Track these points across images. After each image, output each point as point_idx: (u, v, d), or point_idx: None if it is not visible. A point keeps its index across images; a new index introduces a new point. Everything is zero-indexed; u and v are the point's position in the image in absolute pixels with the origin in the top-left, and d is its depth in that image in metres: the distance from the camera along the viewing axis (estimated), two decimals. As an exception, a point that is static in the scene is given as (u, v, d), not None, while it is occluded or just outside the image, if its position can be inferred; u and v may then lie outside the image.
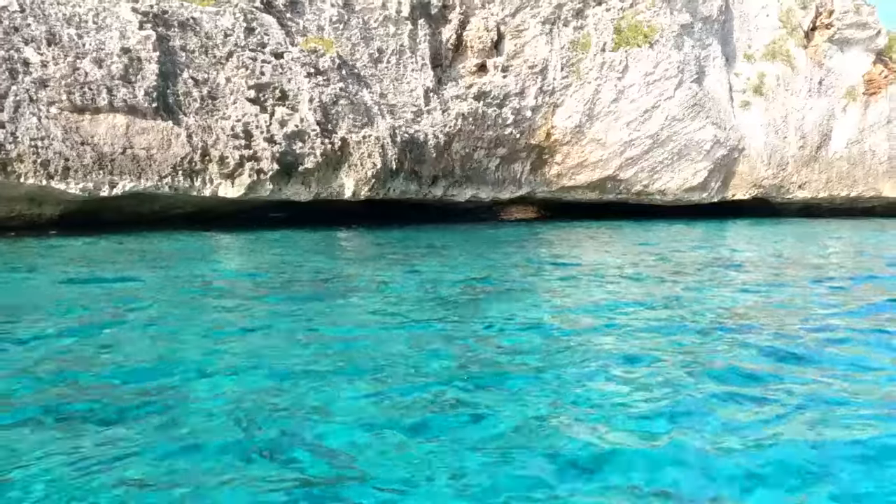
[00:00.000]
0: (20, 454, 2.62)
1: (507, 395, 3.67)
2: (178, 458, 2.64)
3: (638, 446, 2.91)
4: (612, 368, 4.20)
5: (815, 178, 24.82)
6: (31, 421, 3.15)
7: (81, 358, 4.28)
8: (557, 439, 2.97)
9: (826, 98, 24.55)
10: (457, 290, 7.51)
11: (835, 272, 9.76)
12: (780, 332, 5.35)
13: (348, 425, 3.07)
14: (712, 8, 21.27)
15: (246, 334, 5.12)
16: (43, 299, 6.48)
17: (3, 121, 11.58)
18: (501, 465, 2.68)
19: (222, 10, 13.93)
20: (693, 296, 7.23)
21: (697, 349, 4.84)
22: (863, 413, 3.38)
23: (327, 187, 15.43)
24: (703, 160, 21.59)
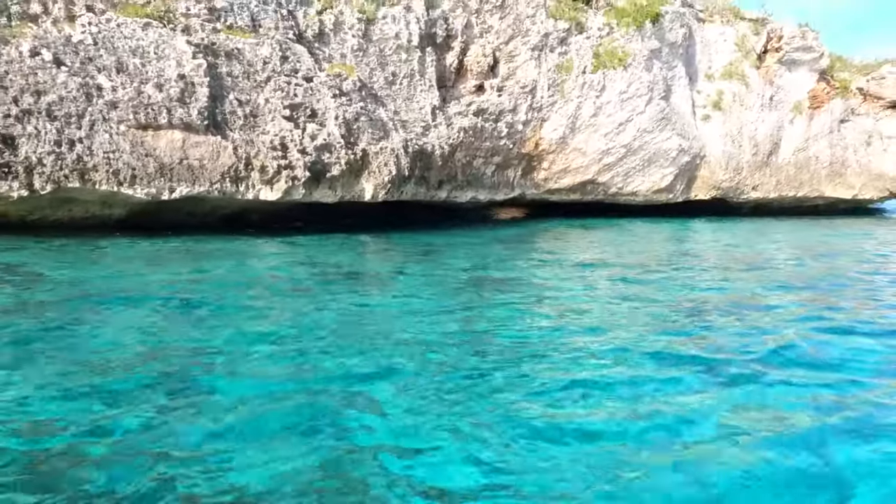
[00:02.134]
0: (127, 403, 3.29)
1: (500, 362, 4.41)
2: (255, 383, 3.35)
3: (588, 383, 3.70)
4: (590, 347, 4.95)
5: (766, 180, 25.38)
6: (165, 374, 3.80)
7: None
8: (538, 385, 3.76)
9: (776, 112, 25.05)
10: (462, 279, 8.18)
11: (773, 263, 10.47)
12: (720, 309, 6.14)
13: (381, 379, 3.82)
14: (677, 35, 21.60)
15: (296, 316, 5.80)
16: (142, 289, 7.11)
17: (81, 137, 12.09)
18: (498, 408, 3.47)
19: (261, 41, 14.23)
20: (657, 280, 7.97)
21: (650, 321, 5.61)
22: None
23: (350, 191, 15.79)
24: (670, 166, 22.04)
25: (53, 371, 3.87)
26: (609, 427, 3.17)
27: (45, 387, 3.56)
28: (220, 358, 4.25)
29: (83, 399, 3.41)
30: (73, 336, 4.77)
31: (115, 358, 4.20)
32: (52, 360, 4.13)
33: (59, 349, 4.37)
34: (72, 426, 3.03)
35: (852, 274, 9.03)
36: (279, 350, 4.48)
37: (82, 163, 12.09)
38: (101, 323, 5.25)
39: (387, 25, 16.26)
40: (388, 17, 16.30)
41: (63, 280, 7.22)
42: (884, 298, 7.12)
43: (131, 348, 4.41)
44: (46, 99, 11.67)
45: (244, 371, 3.96)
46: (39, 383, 3.63)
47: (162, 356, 4.25)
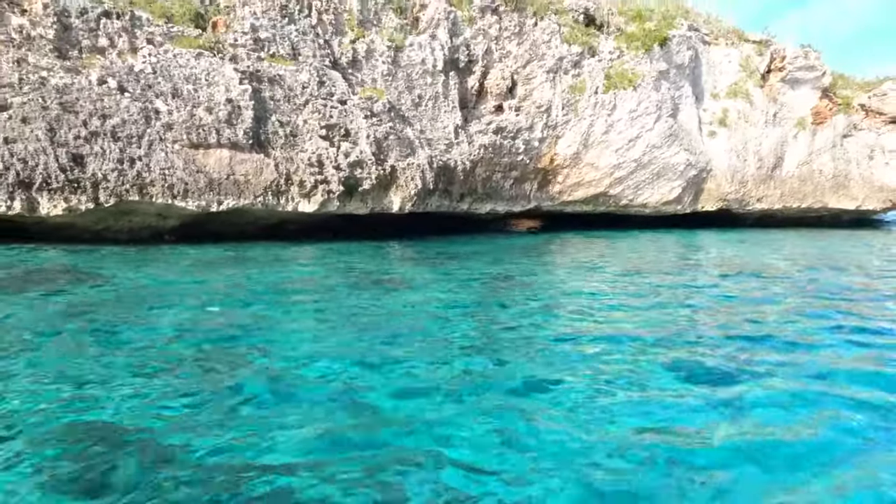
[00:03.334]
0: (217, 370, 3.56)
1: (513, 355, 4.68)
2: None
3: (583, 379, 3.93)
4: (593, 347, 5.17)
5: (770, 192, 25.17)
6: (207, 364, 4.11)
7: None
8: (539, 372, 4.00)
9: (780, 127, 24.88)
10: (481, 283, 8.42)
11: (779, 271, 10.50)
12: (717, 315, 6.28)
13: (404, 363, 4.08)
14: (684, 57, 21.68)
15: (327, 312, 6.10)
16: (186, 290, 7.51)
17: (141, 155, 12.66)
18: (507, 389, 3.72)
19: (300, 68, 14.72)
20: (664, 288, 8.12)
21: (654, 323, 5.79)
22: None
23: (380, 203, 16.16)
24: (678, 179, 22.05)
25: (116, 358, 4.20)
26: (566, 400, 3.40)
27: (112, 370, 3.89)
28: (263, 356, 4.52)
29: (150, 381, 3.72)
30: (135, 328, 5.11)
31: (163, 352, 4.50)
32: (116, 348, 4.46)
33: (126, 337, 4.72)
34: (144, 406, 3.34)
35: (857, 281, 9.05)
36: (319, 348, 4.77)
37: (141, 178, 12.65)
38: (156, 319, 5.58)
39: (414, 52, 16.64)
40: (414, 44, 16.70)
41: (125, 281, 7.61)
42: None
43: (181, 344, 4.72)
44: (111, 122, 12.27)
45: (281, 363, 4.25)
46: (104, 368, 3.96)
47: (209, 352, 4.54)
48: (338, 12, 15.87)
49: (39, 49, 12.12)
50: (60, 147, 11.82)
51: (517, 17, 18.46)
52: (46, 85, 11.79)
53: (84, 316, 5.58)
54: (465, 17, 17.68)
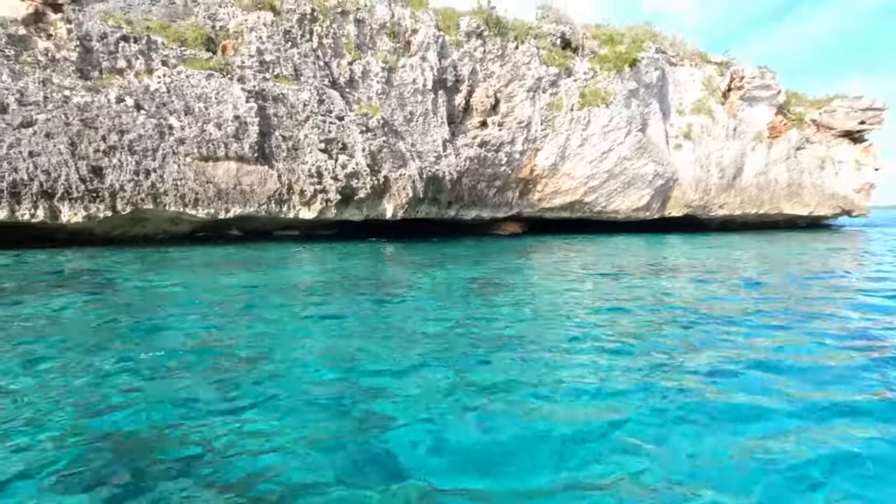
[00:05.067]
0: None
1: (497, 348, 4.93)
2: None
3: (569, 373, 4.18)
4: (568, 336, 5.42)
5: (731, 200, 25.59)
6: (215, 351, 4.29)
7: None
8: (524, 371, 4.25)
9: (739, 141, 25.31)
10: (467, 283, 8.63)
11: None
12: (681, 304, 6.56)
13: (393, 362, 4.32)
14: (652, 77, 22.04)
15: (326, 313, 6.31)
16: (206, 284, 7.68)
17: (155, 167, 12.84)
18: (493, 383, 3.96)
19: (302, 87, 14.92)
20: (636, 285, 8.38)
21: (627, 317, 6.06)
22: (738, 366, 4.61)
23: (374, 210, 16.40)
24: (647, 188, 22.37)
25: (123, 358, 4.40)
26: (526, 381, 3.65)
27: (128, 361, 4.10)
28: (268, 344, 4.74)
29: (164, 377, 3.93)
30: (145, 328, 5.31)
31: (171, 346, 4.68)
32: (131, 343, 4.67)
33: (138, 334, 4.92)
34: (152, 398, 3.56)
35: (805, 275, 9.34)
36: (318, 340, 4.98)
37: (155, 188, 12.82)
38: (168, 317, 5.75)
39: (406, 73, 16.88)
40: (406, 65, 16.94)
41: (139, 282, 7.75)
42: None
43: (193, 339, 4.89)
44: (128, 137, 12.44)
45: (288, 352, 4.47)
46: (119, 360, 4.16)
47: (218, 346, 4.74)
48: (336, 36, 16.09)
49: (63, 70, 12.28)
50: (81, 160, 11.98)
51: (500, 41, 18.75)
52: (69, 103, 11.95)
53: (101, 314, 5.78)
54: (452, 40, 17.94)
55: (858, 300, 7.15)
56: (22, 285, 7.42)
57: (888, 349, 4.71)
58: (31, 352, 4.40)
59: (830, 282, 8.93)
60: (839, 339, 5.03)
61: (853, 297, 7.37)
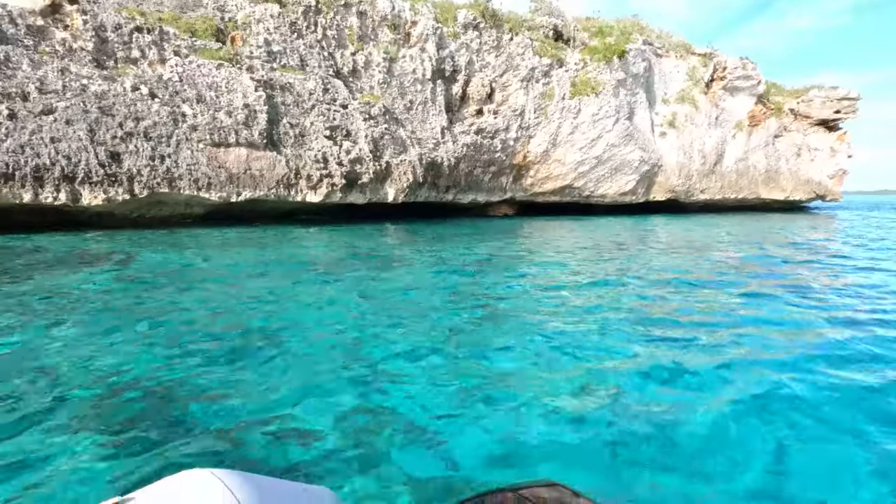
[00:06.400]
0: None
1: (491, 320, 5.07)
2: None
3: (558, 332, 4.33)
4: (559, 308, 5.55)
5: (712, 185, 25.69)
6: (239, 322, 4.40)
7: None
8: (516, 336, 4.39)
9: (720, 129, 25.32)
10: (466, 261, 8.72)
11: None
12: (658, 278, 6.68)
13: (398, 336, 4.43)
14: (640, 68, 21.92)
15: (332, 289, 6.39)
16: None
17: (170, 153, 12.81)
18: (490, 348, 4.10)
19: (308, 77, 14.84)
20: (621, 261, 8.50)
21: (612, 291, 6.19)
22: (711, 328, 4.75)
23: (376, 195, 16.42)
24: (633, 174, 22.45)
25: (144, 329, 4.52)
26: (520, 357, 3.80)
27: (137, 338, 4.22)
28: (278, 317, 4.83)
29: (173, 351, 4.05)
30: (164, 302, 5.41)
31: (193, 318, 4.78)
32: (144, 321, 4.78)
33: (157, 303, 5.03)
34: (170, 367, 3.69)
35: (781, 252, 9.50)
36: (324, 314, 5.09)
37: (170, 173, 12.80)
38: (184, 291, 5.83)
39: (406, 63, 16.75)
40: (407, 56, 16.81)
41: (157, 260, 7.84)
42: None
43: (205, 309, 4.99)
44: (144, 123, 12.39)
45: (298, 324, 4.59)
46: (135, 335, 4.29)
47: (232, 318, 4.84)
48: (340, 28, 15.92)
49: (80, 59, 12.17)
50: (100, 146, 11.95)
51: (495, 33, 18.57)
52: (87, 91, 11.87)
53: (124, 289, 5.88)
54: (450, 32, 17.77)
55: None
56: (51, 263, 7.51)
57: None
58: (62, 320, 4.52)
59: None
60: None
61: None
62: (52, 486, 2.11)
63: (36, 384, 3.10)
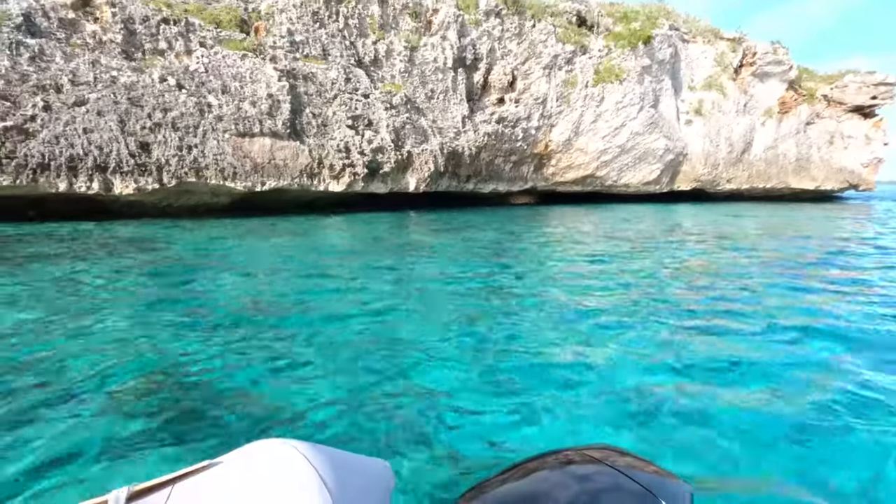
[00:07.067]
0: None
1: (515, 302, 4.98)
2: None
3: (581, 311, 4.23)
4: (585, 302, 5.45)
5: (739, 174, 24.94)
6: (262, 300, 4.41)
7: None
8: (540, 311, 4.30)
9: (749, 116, 24.49)
10: (488, 248, 8.64)
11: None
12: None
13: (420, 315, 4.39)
14: (665, 54, 21.29)
15: (360, 276, 6.38)
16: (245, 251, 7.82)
17: (196, 143, 12.94)
18: (511, 323, 4.02)
19: (330, 66, 14.81)
20: (643, 249, 8.31)
21: (633, 277, 6.03)
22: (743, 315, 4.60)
23: (398, 184, 16.37)
24: (657, 163, 21.93)
25: (176, 309, 4.58)
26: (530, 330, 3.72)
27: (170, 320, 4.27)
28: (302, 302, 4.84)
29: (203, 333, 4.09)
30: (194, 285, 5.48)
31: (216, 303, 4.82)
32: (177, 301, 4.84)
33: (185, 294, 5.09)
34: (200, 352, 3.72)
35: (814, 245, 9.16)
36: (347, 296, 5.09)
37: (197, 163, 12.94)
38: (213, 277, 5.92)
39: (427, 52, 16.58)
40: (428, 45, 16.63)
41: (187, 247, 7.98)
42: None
43: (232, 296, 5.03)
44: (171, 114, 12.53)
45: (316, 310, 4.60)
46: (165, 316, 4.33)
47: (260, 300, 4.87)
48: (361, 17, 15.82)
49: (110, 52, 12.37)
50: (129, 136, 12.15)
51: (517, 20, 18.23)
52: (117, 83, 12.07)
53: (155, 275, 5.99)
54: (471, 20, 17.51)
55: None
56: (87, 248, 7.70)
57: None
58: (99, 302, 4.61)
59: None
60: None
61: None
62: (100, 463, 2.13)
63: (80, 362, 3.16)
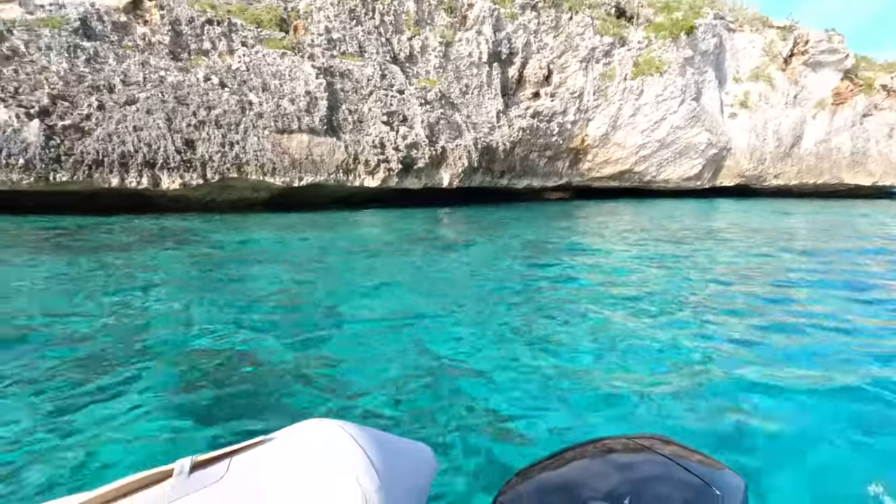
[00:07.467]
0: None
1: (548, 297, 4.87)
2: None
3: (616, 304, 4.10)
4: (621, 305, 5.29)
5: (788, 169, 23.75)
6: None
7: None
8: (573, 309, 4.20)
9: (799, 108, 23.24)
10: (520, 242, 8.54)
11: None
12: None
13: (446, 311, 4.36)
14: (709, 44, 20.46)
15: (394, 271, 6.41)
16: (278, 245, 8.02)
17: (238, 140, 13.32)
18: (544, 318, 3.94)
19: (366, 63, 14.95)
20: (684, 246, 8.03)
21: (673, 277, 5.83)
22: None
23: (431, 179, 16.38)
24: (699, 157, 21.14)
25: (222, 300, 4.70)
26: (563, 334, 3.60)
27: (216, 307, 4.39)
28: (336, 297, 4.92)
29: (247, 321, 4.19)
30: (236, 277, 5.63)
31: (258, 293, 4.93)
32: (221, 293, 4.97)
33: (227, 285, 5.24)
34: (233, 339, 3.80)
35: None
36: (373, 291, 5.12)
37: (239, 159, 13.31)
38: (254, 268, 6.07)
39: (462, 46, 16.49)
40: (463, 39, 16.54)
41: (230, 240, 8.24)
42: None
43: (272, 287, 5.14)
44: (215, 112, 12.93)
45: (354, 302, 4.64)
46: (210, 306, 4.45)
47: (294, 294, 4.97)
48: (397, 13, 15.88)
49: (158, 52, 12.86)
50: (176, 133, 12.61)
51: (554, 13, 17.89)
52: (164, 82, 12.54)
53: (201, 265, 6.20)
54: (507, 13, 17.29)
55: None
56: (135, 241, 8.05)
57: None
58: (148, 289, 4.80)
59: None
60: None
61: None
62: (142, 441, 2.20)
63: (132, 344, 3.29)
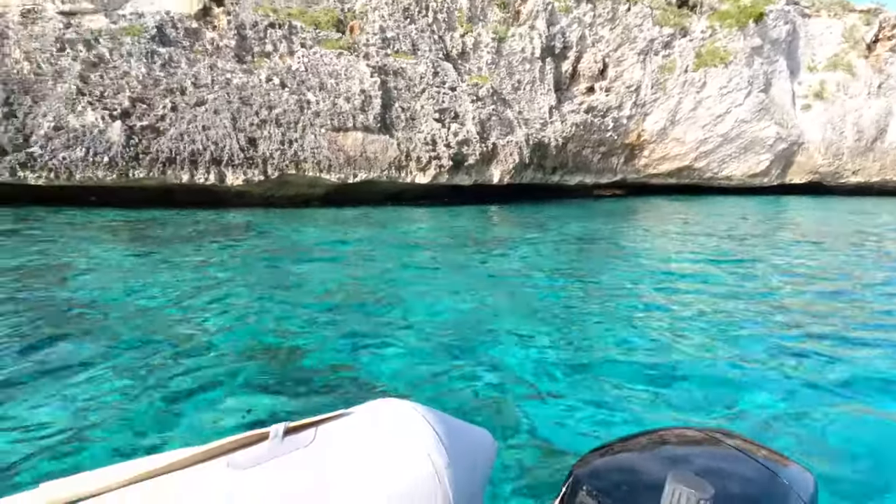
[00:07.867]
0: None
1: (595, 299, 4.71)
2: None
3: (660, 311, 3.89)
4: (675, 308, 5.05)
5: (869, 165, 21.80)
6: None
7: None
8: (625, 308, 4.02)
9: (884, 98, 21.24)
10: (573, 241, 8.36)
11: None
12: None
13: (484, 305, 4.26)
14: (781, 32, 19.12)
15: (440, 257, 6.40)
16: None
17: (297, 138, 13.79)
18: (591, 320, 3.81)
19: (419, 61, 15.07)
20: (746, 248, 7.57)
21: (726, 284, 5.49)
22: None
23: (482, 176, 16.30)
24: (766, 153, 19.82)
25: (278, 291, 4.88)
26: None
27: (269, 298, 4.55)
28: (387, 291, 4.98)
29: (300, 312, 4.32)
30: (291, 270, 5.83)
31: (316, 285, 5.07)
32: (276, 285, 5.16)
33: (283, 277, 5.43)
34: (288, 330, 3.93)
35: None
36: (426, 287, 5.16)
37: (297, 156, 13.80)
38: (309, 262, 6.26)
39: (514, 42, 16.30)
40: (516, 35, 16.34)
41: (288, 234, 8.60)
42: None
43: (329, 280, 5.28)
44: (276, 111, 13.47)
45: (403, 297, 4.70)
46: (263, 296, 4.63)
47: (349, 287, 5.07)
48: (450, 10, 15.91)
49: (225, 56, 13.55)
50: (240, 132, 13.24)
51: (611, 4, 17.31)
52: (230, 84, 13.20)
53: (261, 257, 6.50)
54: (561, 7, 16.91)
55: None
56: (202, 233, 8.53)
57: None
58: (215, 280, 5.06)
59: None
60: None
61: None
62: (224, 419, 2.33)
63: (202, 333, 3.49)
